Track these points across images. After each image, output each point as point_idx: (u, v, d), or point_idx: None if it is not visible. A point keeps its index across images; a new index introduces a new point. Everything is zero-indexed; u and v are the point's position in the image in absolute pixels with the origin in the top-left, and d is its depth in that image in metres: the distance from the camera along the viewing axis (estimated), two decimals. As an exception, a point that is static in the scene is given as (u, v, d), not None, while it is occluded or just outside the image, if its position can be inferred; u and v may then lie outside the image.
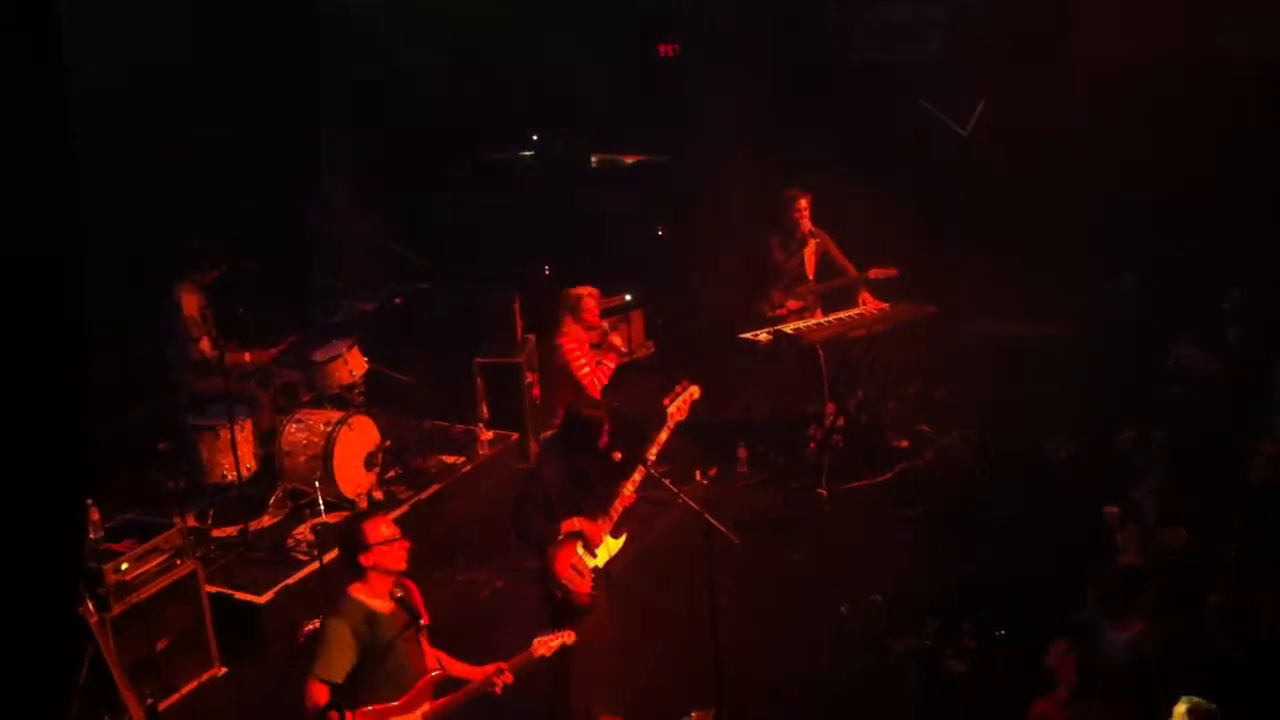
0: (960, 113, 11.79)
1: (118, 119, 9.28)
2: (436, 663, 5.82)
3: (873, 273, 10.36)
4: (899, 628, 8.02)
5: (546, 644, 6.01)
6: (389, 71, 11.70)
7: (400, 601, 5.69)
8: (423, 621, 5.70)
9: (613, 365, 8.95)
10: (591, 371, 8.81)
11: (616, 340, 9.05)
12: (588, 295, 8.91)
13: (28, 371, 3.32)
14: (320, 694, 5.36)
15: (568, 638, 6.09)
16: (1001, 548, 8.62)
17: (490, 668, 5.82)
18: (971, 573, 8.44)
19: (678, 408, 7.80)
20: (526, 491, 7.04)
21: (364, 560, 5.58)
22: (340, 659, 5.40)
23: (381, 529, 5.65)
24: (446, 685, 5.82)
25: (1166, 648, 6.19)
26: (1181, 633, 6.33)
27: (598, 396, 8.64)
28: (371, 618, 5.54)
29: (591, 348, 8.94)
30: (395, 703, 5.57)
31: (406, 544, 5.72)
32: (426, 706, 5.69)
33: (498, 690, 5.79)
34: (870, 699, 7.44)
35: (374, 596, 5.61)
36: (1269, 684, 5.84)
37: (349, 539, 5.67)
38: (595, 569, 6.98)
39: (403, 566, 5.69)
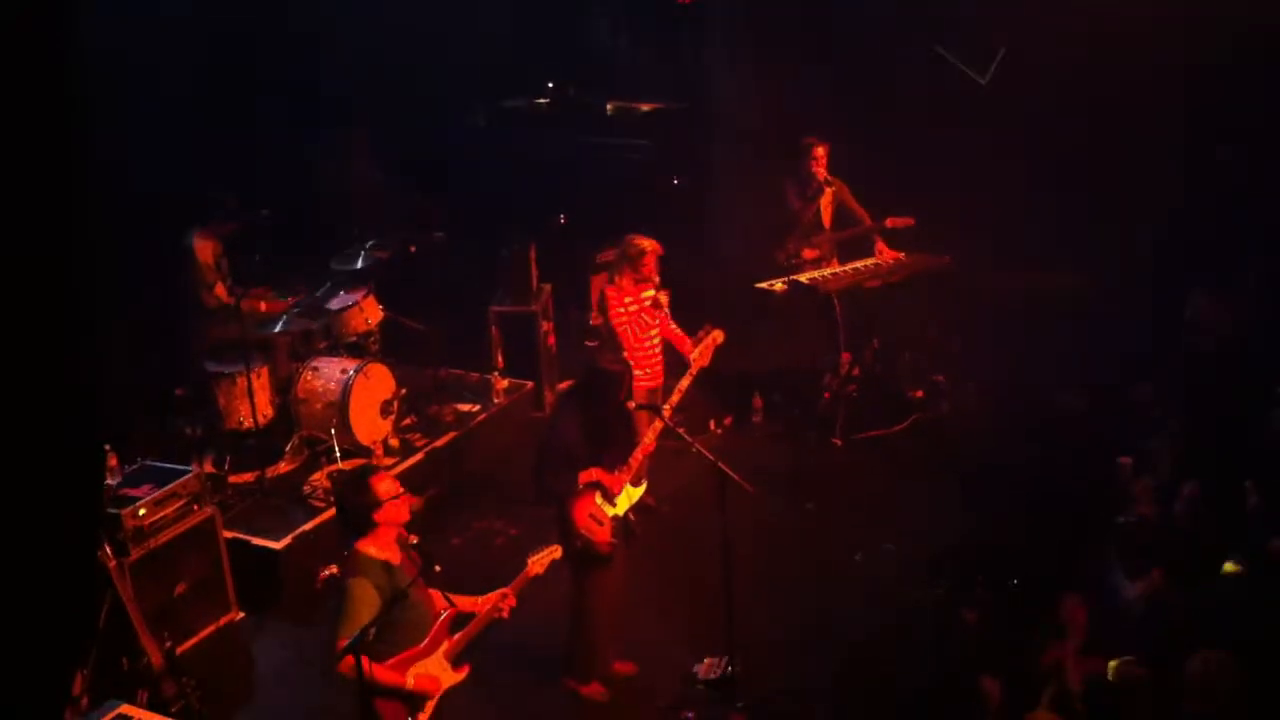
0: (979, 61, 11.67)
1: (134, 70, 9.26)
2: (445, 601, 5.91)
3: (889, 221, 10.30)
4: (913, 577, 8.07)
5: (539, 561, 6.06)
6: (402, 19, 11.63)
7: (407, 549, 5.78)
8: (436, 569, 5.76)
9: (652, 323, 8.72)
10: (629, 322, 8.68)
11: (664, 300, 8.76)
12: (651, 250, 8.66)
13: (43, 323, 3.33)
14: (352, 659, 5.39)
15: (555, 552, 6.12)
16: (1015, 498, 8.61)
17: (494, 595, 5.91)
18: (985, 523, 8.45)
19: (700, 353, 7.79)
20: (546, 445, 7.04)
21: (376, 516, 5.65)
22: (363, 615, 5.46)
23: (388, 484, 5.70)
24: (458, 623, 5.92)
25: (1186, 600, 6.20)
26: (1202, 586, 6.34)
27: (628, 350, 8.55)
28: (387, 569, 5.62)
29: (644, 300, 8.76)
30: (418, 647, 5.69)
31: (411, 498, 5.83)
32: (446, 645, 5.82)
33: (505, 615, 5.89)
34: (884, 648, 7.47)
35: (384, 550, 5.68)
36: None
37: (359, 496, 5.69)
38: (615, 518, 7.00)
39: (407, 518, 5.78)
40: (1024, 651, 6.47)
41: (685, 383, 7.39)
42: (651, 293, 8.78)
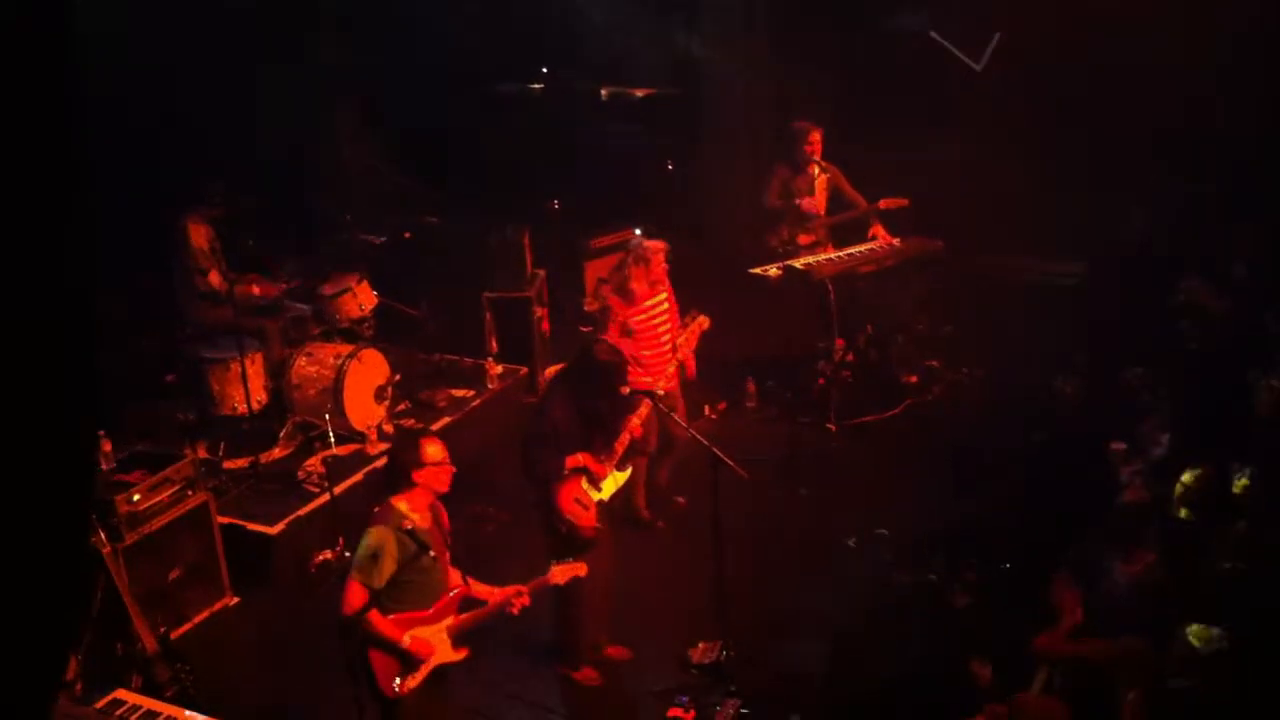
0: (974, 46, 11.67)
1: (125, 51, 9.22)
2: (462, 580, 5.99)
3: (883, 203, 10.29)
4: (905, 561, 8.10)
5: (563, 572, 6.16)
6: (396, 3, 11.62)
7: (438, 520, 5.91)
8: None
9: (694, 337, 8.25)
10: (644, 323, 8.36)
11: (695, 328, 8.27)
12: (659, 250, 8.47)
13: (35, 304, 3.33)
14: (359, 597, 5.56)
15: (580, 569, 6.21)
16: (1007, 483, 8.63)
17: (510, 589, 5.98)
18: (977, 507, 8.47)
19: (686, 339, 7.78)
20: (535, 428, 7.05)
21: (416, 476, 5.77)
22: (384, 566, 5.59)
23: (436, 450, 5.82)
24: (467, 605, 5.98)
25: (1178, 582, 6.22)
26: (1194, 568, 6.36)
27: (642, 353, 8.28)
28: (412, 529, 5.70)
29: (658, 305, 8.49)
30: (425, 612, 5.78)
31: (453, 469, 5.90)
32: (451, 620, 5.88)
33: (515, 611, 5.96)
34: (876, 631, 7.50)
35: (415, 510, 5.78)
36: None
37: (406, 453, 5.85)
38: (600, 502, 7.02)
39: (446, 489, 5.91)
40: (1015, 635, 6.49)
41: (672, 368, 7.38)
42: (664, 295, 8.54)
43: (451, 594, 5.90)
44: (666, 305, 8.53)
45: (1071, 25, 10.66)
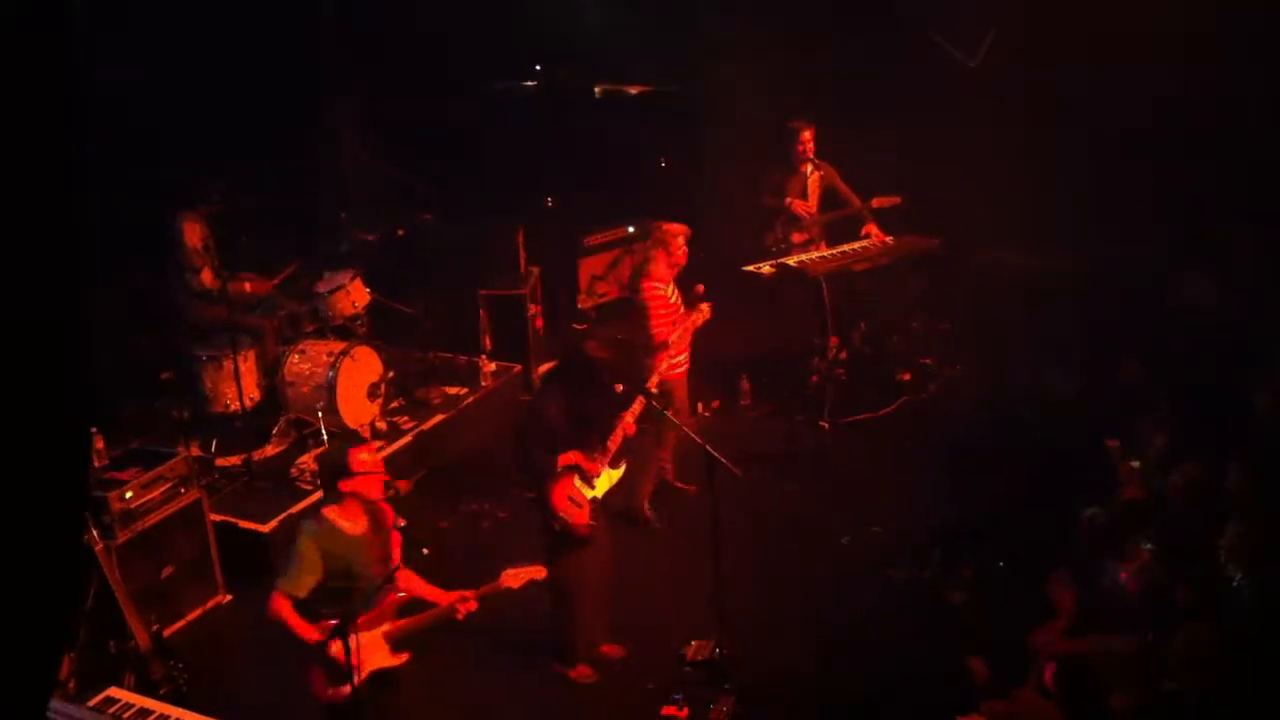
0: (969, 43, 11.66)
1: (123, 50, 9.20)
2: (404, 584, 5.89)
3: (876, 201, 10.28)
4: (900, 559, 8.09)
5: (515, 576, 6.00)
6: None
7: (380, 528, 5.79)
8: (425, 551, 5.78)
9: (695, 325, 8.26)
10: (667, 316, 8.39)
11: (705, 310, 8.25)
12: (680, 233, 8.51)
13: (29, 301, 3.31)
14: (281, 605, 5.58)
15: (537, 573, 6.08)
16: (1002, 480, 8.63)
17: (455, 594, 5.87)
18: (972, 505, 8.46)
19: (680, 336, 7.76)
20: (528, 426, 7.04)
21: (343, 486, 5.67)
22: (305, 576, 5.57)
23: (364, 457, 5.70)
24: (416, 608, 5.90)
25: (1173, 580, 6.21)
26: (1190, 565, 6.35)
27: (659, 341, 8.27)
28: (342, 540, 5.65)
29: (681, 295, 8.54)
30: (359, 618, 5.67)
31: (385, 475, 5.78)
32: (388, 626, 5.79)
33: (460, 616, 5.84)
34: (871, 630, 7.49)
35: (346, 519, 5.70)
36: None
37: (333, 463, 5.76)
38: (593, 500, 7.00)
39: (378, 496, 5.76)
40: (1011, 632, 6.48)
41: (664, 365, 7.37)
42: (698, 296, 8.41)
43: (392, 598, 5.79)
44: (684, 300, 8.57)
45: (1064, 19, 10.65)
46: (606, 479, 7.07)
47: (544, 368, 10.78)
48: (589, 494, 6.98)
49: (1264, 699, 5.42)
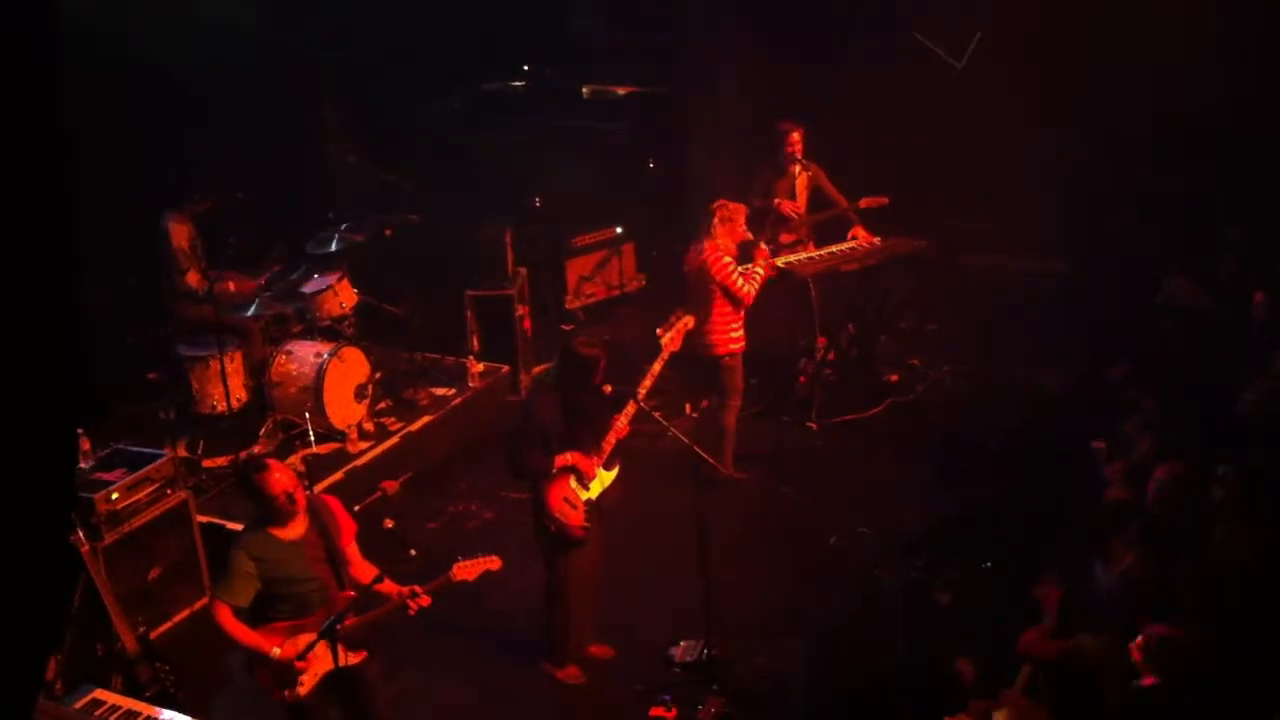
0: (955, 44, 11.68)
1: (110, 48, 9.17)
2: (351, 582, 5.84)
3: (863, 202, 10.28)
4: (887, 560, 8.09)
5: (466, 569, 5.93)
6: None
7: (318, 522, 5.77)
8: (411, 553, 5.74)
9: (764, 277, 8.94)
10: (745, 279, 8.82)
11: (764, 253, 9.04)
12: (742, 211, 8.86)
13: (16, 302, 3.30)
14: (220, 612, 5.61)
15: (491, 563, 6.00)
16: (990, 481, 8.65)
17: (405, 589, 5.80)
18: (960, 506, 8.48)
19: (671, 338, 7.77)
20: (523, 427, 7.03)
21: (267, 509, 5.68)
22: (241, 586, 5.60)
23: (278, 477, 5.65)
24: (372, 604, 5.84)
25: (1157, 581, 6.23)
26: (1173, 567, 6.36)
27: (750, 304, 8.83)
28: (276, 546, 5.66)
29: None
30: (303, 619, 5.68)
31: (301, 491, 5.74)
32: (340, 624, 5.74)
33: (411, 612, 5.76)
34: (858, 630, 7.50)
35: (280, 527, 5.70)
36: (1262, 615, 5.88)
37: (250, 491, 5.71)
38: (588, 501, 7.00)
39: (299, 509, 5.71)
40: (998, 633, 6.49)
41: (657, 367, 7.37)
42: (752, 243, 8.98)
43: (340, 596, 5.74)
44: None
45: (1053, 19, 10.68)
46: (600, 481, 7.06)
47: (537, 369, 10.77)
48: (584, 495, 6.97)
49: (1243, 698, 5.44)
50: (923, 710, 6.34)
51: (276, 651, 5.60)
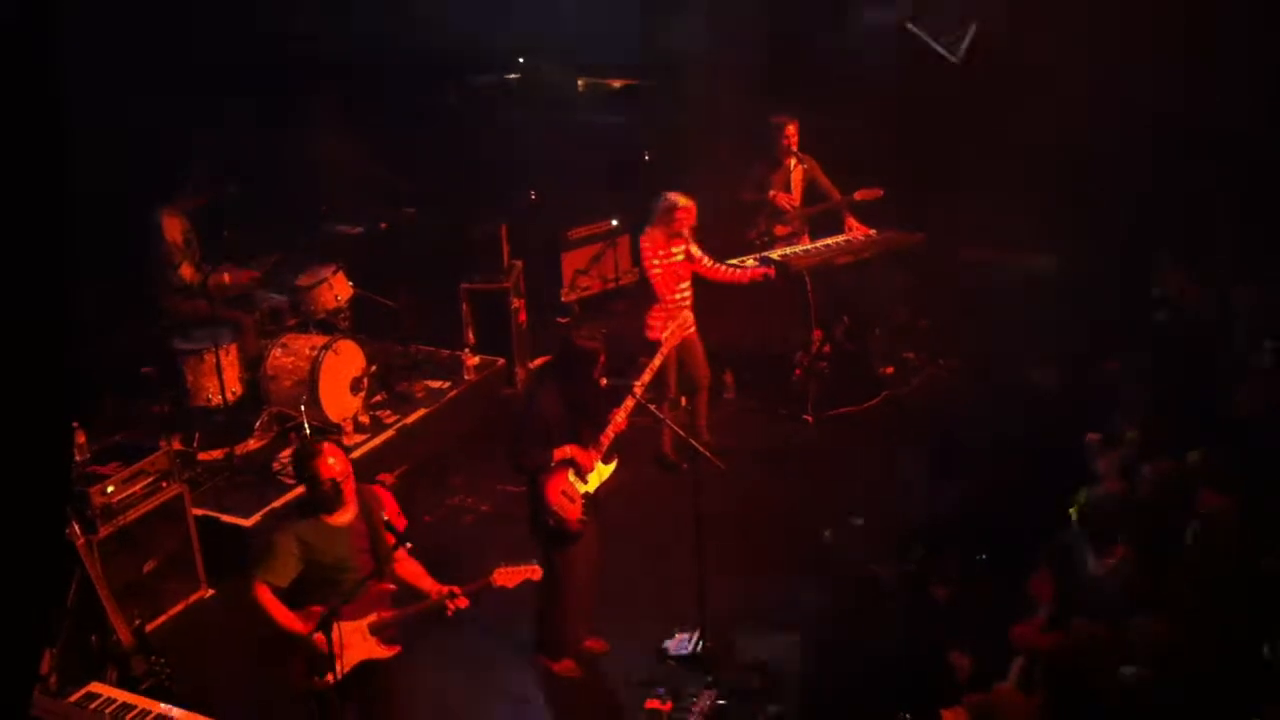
0: (952, 39, 11.66)
1: (101, 41, 9.15)
2: (401, 571, 5.89)
3: (858, 194, 10.28)
4: (883, 553, 8.10)
5: (507, 575, 6.03)
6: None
7: (369, 514, 5.79)
8: (408, 547, 5.76)
9: (685, 276, 9.18)
10: (663, 273, 9.04)
11: (695, 252, 9.24)
12: (684, 206, 8.99)
13: (8, 295, 3.30)
14: (262, 593, 5.59)
15: (532, 573, 6.10)
16: (984, 475, 8.65)
17: (445, 588, 5.86)
18: (954, 499, 8.48)
19: (671, 333, 7.78)
20: (524, 421, 7.02)
21: (315, 492, 5.70)
22: (283, 567, 5.61)
23: (331, 463, 5.67)
24: (409, 599, 5.91)
25: (1150, 574, 6.25)
26: (1165, 559, 6.39)
27: (664, 297, 9.02)
28: (323, 531, 5.67)
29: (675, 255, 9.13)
30: (343, 608, 5.66)
31: (352, 481, 5.75)
32: (374, 616, 5.79)
33: (449, 613, 5.84)
34: (853, 623, 7.50)
35: (329, 513, 5.72)
36: (1255, 611, 5.90)
37: (305, 472, 5.75)
38: (585, 495, 7.00)
39: (350, 499, 5.74)
40: (993, 626, 6.50)
41: (656, 361, 7.37)
42: (682, 248, 9.11)
43: (380, 588, 5.77)
44: (682, 258, 9.14)
45: (1051, 16, 10.67)
46: (598, 474, 7.06)
47: (536, 362, 10.78)
48: (582, 489, 6.98)
49: (1229, 688, 5.47)
50: (918, 703, 6.35)
51: (318, 637, 5.57)
